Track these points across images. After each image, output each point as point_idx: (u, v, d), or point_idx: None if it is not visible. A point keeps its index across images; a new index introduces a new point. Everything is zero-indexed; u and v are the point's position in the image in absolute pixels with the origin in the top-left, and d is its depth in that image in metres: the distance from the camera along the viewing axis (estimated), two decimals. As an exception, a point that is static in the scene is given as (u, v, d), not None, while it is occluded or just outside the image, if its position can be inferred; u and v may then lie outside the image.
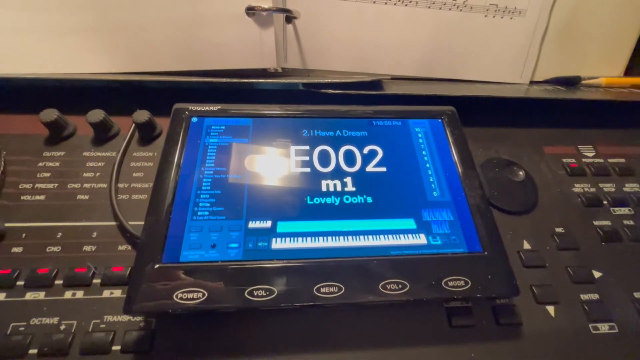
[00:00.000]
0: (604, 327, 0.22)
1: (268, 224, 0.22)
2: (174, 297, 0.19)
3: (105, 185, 0.26)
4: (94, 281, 0.22)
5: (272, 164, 0.24)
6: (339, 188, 0.24)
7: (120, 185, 0.26)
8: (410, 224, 0.23)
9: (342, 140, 0.26)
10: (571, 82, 0.37)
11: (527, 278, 0.24)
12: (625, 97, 0.33)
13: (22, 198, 0.25)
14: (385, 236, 0.22)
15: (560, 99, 0.32)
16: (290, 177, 0.24)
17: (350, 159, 0.25)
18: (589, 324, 0.22)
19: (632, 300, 0.24)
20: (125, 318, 0.21)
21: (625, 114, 0.34)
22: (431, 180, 0.25)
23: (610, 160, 0.31)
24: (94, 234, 0.24)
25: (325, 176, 0.24)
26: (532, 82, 0.38)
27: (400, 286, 0.20)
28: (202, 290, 0.19)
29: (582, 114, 0.34)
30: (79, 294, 0.22)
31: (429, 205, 0.23)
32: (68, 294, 0.21)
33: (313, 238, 0.21)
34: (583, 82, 0.37)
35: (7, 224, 0.24)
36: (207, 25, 0.30)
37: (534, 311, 0.23)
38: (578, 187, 0.29)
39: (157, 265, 0.20)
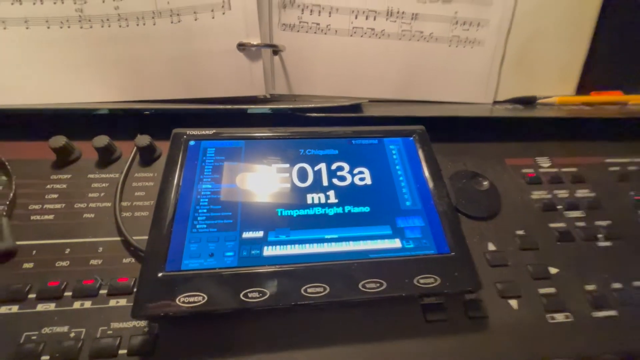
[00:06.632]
0: (559, 317, 0.25)
1: (260, 234, 0.24)
2: (177, 301, 0.21)
3: (109, 204, 0.28)
4: (101, 292, 0.24)
5: (262, 181, 0.27)
6: (322, 200, 0.27)
7: (124, 203, 0.28)
8: (386, 230, 0.25)
9: (325, 158, 0.29)
10: (528, 102, 0.41)
11: (492, 276, 0.27)
12: (577, 114, 0.37)
13: (31, 218, 0.27)
14: (364, 242, 0.25)
15: (519, 117, 0.36)
16: (279, 192, 0.27)
17: (332, 174, 0.28)
18: (547, 314, 0.25)
19: (584, 292, 0.27)
20: (131, 324, 0.23)
21: (576, 128, 0.38)
22: (404, 191, 0.28)
23: (563, 169, 0.35)
24: (100, 249, 0.26)
25: (311, 190, 0.27)
26: (495, 102, 0.42)
27: (378, 285, 0.23)
28: (202, 294, 0.21)
29: (538, 129, 0.38)
30: (87, 304, 0.23)
31: (403, 214, 0.26)
32: (77, 304, 0.23)
33: (300, 245, 0.24)
34: (539, 101, 0.41)
35: (18, 242, 0.25)
36: (203, 59, 0.34)
37: (498, 305, 0.26)
38: (536, 194, 0.32)
39: (160, 274, 0.22)
